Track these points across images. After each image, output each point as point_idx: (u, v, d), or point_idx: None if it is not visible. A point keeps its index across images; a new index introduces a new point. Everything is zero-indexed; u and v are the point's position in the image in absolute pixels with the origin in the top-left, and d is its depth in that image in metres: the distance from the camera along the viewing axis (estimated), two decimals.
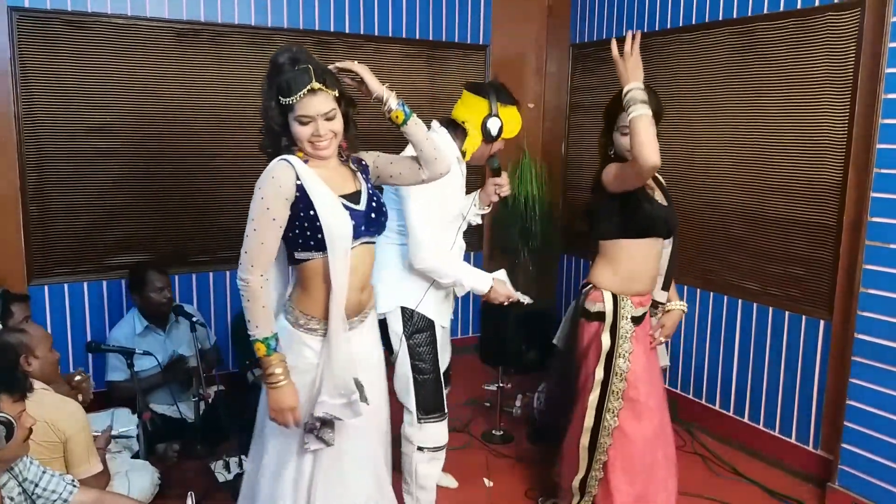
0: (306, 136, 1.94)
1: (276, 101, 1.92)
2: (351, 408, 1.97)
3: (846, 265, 3.15)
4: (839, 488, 3.07)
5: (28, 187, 3.66)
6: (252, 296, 1.93)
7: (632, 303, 2.56)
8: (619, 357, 2.54)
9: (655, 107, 2.48)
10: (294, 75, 1.89)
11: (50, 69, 3.63)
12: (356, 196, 2.04)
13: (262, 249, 1.93)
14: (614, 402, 2.56)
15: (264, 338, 1.93)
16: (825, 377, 3.29)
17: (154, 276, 3.57)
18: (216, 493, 3.09)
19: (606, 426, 2.57)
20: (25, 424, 1.83)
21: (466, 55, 4.78)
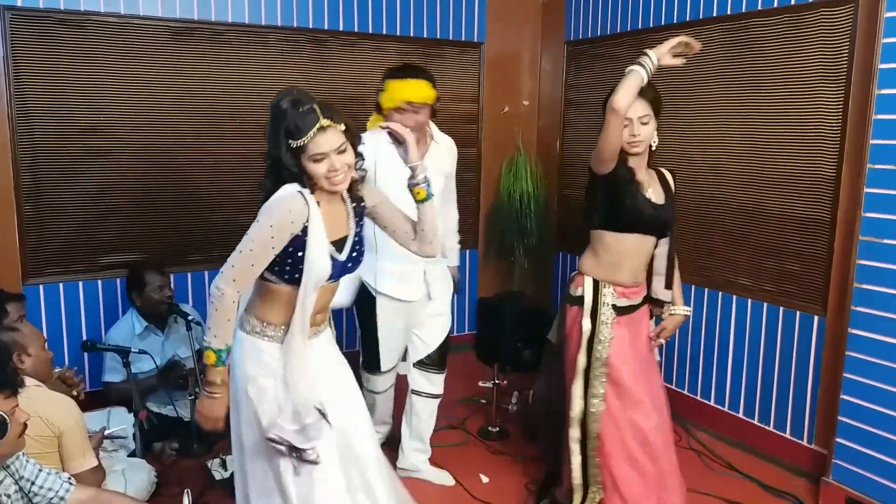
0: (322, 172, 1.96)
1: (287, 146, 1.94)
2: (304, 433, 1.97)
3: (840, 260, 3.16)
4: (833, 482, 3.08)
5: (22, 187, 3.66)
6: (222, 307, 1.95)
7: (614, 291, 2.58)
8: (598, 342, 2.57)
9: (654, 97, 2.50)
10: (300, 117, 1.92)
11: (43, 68, 3.62)
12: (342, 243, 2.09)
13: (250, 271, 1.97)
14: (598, 386, 2.57)
15: (218, 349, 1.96)
16: (819, 372, 3.31)
17: (153, 276, 3.57)
18: (212, 491, 3.09)
19: (594, 412, 2.58)
20: (19, 420, 1.83)
21: (461, 53, 4.78)
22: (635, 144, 2.49)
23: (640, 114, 2.47)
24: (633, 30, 4.21)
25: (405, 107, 2.80)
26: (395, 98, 2.80)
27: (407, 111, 2.81)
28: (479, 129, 4.93)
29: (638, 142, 2.49)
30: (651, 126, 2.50)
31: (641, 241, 2.59)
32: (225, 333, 1.97)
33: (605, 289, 2.59)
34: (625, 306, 2.61)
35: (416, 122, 2.81)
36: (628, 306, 2.63)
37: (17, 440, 1.84)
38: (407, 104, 2.80)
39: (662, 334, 2.73)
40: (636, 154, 2.52)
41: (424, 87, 2.83)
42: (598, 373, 2.57)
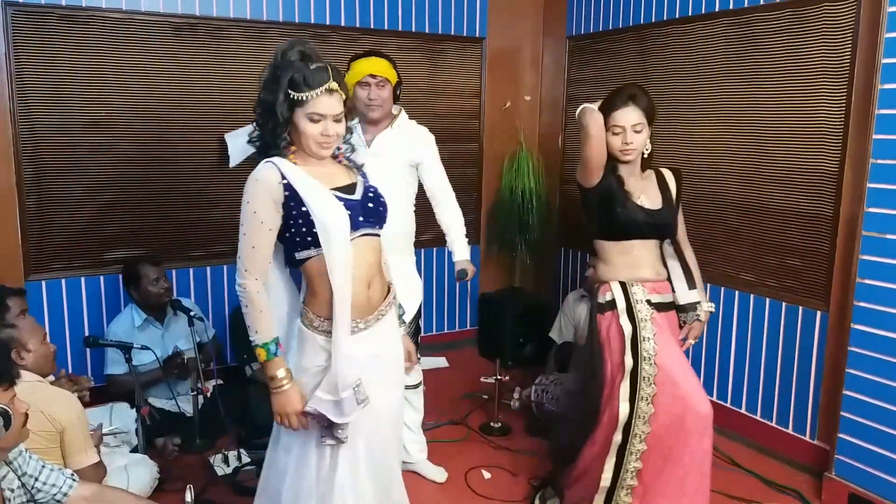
0: (315, 133, 1.91)
1: (286, 96, 1.89)
2: (339, 407, 1.91)
3: (843, 256, 3.16)
4: (836, 478, 3.08)
5: (25, 183, 3.66)
6: (249, 301, 1.93)
7: (643, 287, 2.54)
8: (643, 340, 2.49)
9: (648, 105, 2.49)
10: (311, 72, 1.87)
11: (45, 64, 3.62)
12: (351, 188, 2.01)
13: (254, 253, 1.92)
14: (646, 388, 2.48)
15: (264, 343, 1.92)
16: (822, 368, 3.31)
17: (148, 269, 3.56)
18: (215, 486, 3.10)
19: (642, 415, 2.49)
20: (20, 410, 1.83)
21: (463, 48, 4.78)
22: (628, 153, 2.48)
23: (633, 122, 2.46)
24: (634, 24, 4.20)
25: (369, 80, 2.91)
26: (359, 72, 2.92)
27: (370, 85, 2.91)
28: (481, 125, 4.92)
29: (630, 150, 2.48)
30: (644, 134, 2.49)
31: (644, 243, 2.57)
32: (264, 326, 1.93)
33: (633, 287, 2.54)
34: (658, 302, 2.56)
35: (381, 98, 2.93)
36: (661, 303, 2.58)
37: (20, 431, 1.84)
38: (370, 76, 2.91)
39: (691, 334, 2.67)
40: (628, 162, 2.51)
41: (386, 64, 2.98)
42: (647, 374, 2.48)
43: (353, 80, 2.91)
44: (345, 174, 2.06)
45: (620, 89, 2.52)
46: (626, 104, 2.46)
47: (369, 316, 2.02)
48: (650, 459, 2.52)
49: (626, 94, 2.48)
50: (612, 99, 2.51)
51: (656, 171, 2.65)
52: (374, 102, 2.93)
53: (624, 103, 2.45)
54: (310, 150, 1.95)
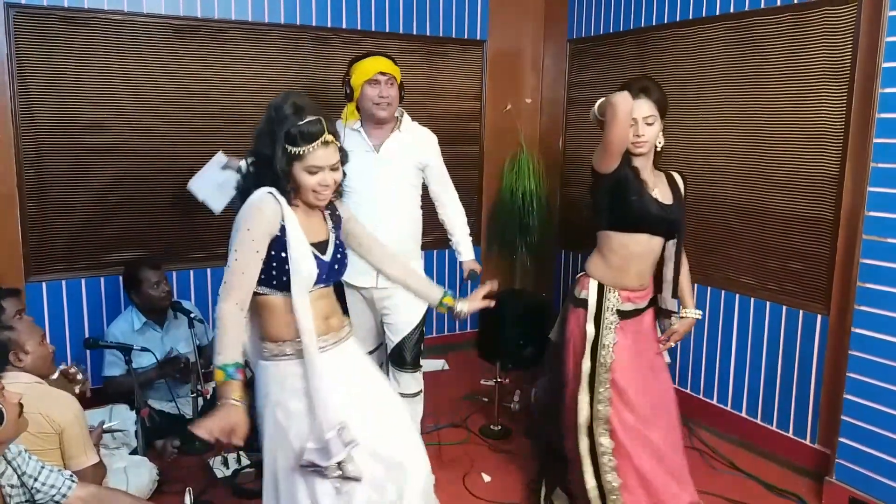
0: (313, 184, 1.97)
1: (284, 151, 1.93)
2: (325, 451, 1.92)
3: (843, 260, 3.16)
4: (836, 482, 3.07)
5: (26, 184, 3.66)
6: (222, 323, 1.93)
7: (618, 296, 2.56)
8: (602, 347, 2.54)
9: (660, 98, 2.48)
10: (307, 126, 1.92)
11: (47, 66, 3.63)
12: (324, 245, 2.07)
13: (243, 279, 1.95)
14: (603, 392, 2.55)
15: (223, 364, 1.92)
16: (822, 372, 3.30)
17: (148, 273, 3.56)
18: (214, 489, 3.09)
19: (602, 417, 2.55)
20: (12, 401, 1.82)
21: (464, 50, 4.78)
22: (639, 145, 2.47)
23: (644, 114, 2.45)
24: (635, 28, 4.20)
25: (379, 77, 2.87)
26: (369, 70, 2.87)
27: (380, 83, 2.87)
28: (482, 127, 4.93)
29: (642, 142, 2.47)
30: (656, 127, 2.48)
31: (649, 242, 2.55)
32: (228, 349, 1.92)
33: (609, 293, 2.56)
34: (629, 310, 2.59)
35: (391, 96, 2.89)
36: (633, 310, 2.60)
37: (17, 422, 1.83)
38: (380, 74, 2.87)
39: (673, 337, 2.69)
40: (640, 154, 2.50)
41: (392, 64, 2.95)
42: (602, 378, 2.54)
43: (362, 79, 2.88)
44: (322, 227, 2.11)
45: (632, 81, 2.51)
46: (638, 96, 2.44)
47: (330, 335, 2.08)
48: (621, 452, 2.56)
49: (637, 86, 2.47)
50: (623, 91, 2.50)
51: (665, 173, 2.65)
52: (385, 100, 2.89)
53: (636, 95, 2.43)
54: (307, 200, 2.01)
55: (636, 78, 2.56)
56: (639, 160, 2.51)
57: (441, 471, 3.26)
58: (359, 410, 2.05)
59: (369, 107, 2.91)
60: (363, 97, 2.90)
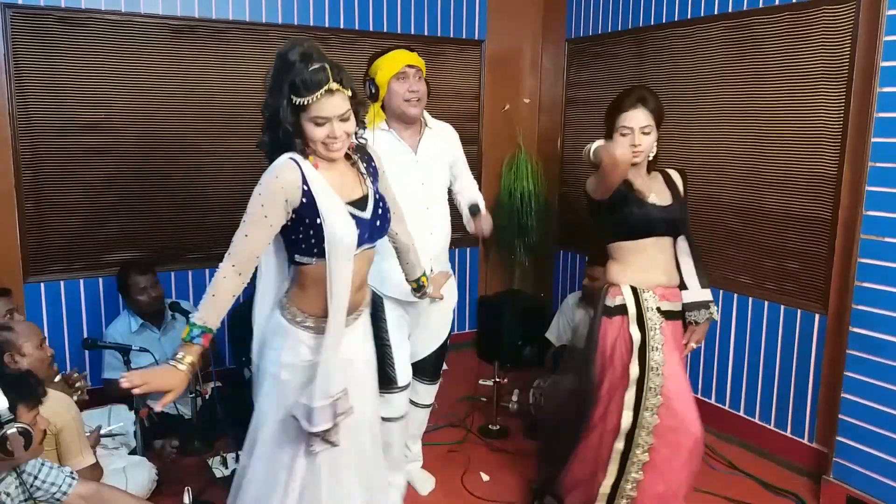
0: (321, 137, 1.88)
1: (289, 101, 1.84)
2: (310, 415, 1.90)
3: (841, 259, 3.16)
4: (834, 481, 3.08)
5: (23, 185, 3.66)
6: (214, 285, 1.88)
7: (654, 294, 2.52)
8: (652, 350, 2.47)
9: (656, 107, 2.48)
10: (310, 75, 1.82)
11: (44, 66, 3.62)
12: (362, 202, 1.99)
13: (245, 242, 1.88)
14: (652, 398, 2.46)
15: (194, 323, 1.87)
16: (820, 371, 3.31)
17: (136, 279, 3.55)
18: (213, 489, 3.09)
19: (646, 425, 2.47)
20: (40, 428, 1.84)
21: (462, 50, 4.78)
22: (636, 154, 2.46)
23: (641, 124, 2.45)
24: (633, 27, 4.20)
25: (407, 70, 2.63)
26: (396, 63, 2.61)
27: (409, 77, 2.63)
28: (480, 127, 4.93)
29: (638, 152, 2.46)
30: (652, 137, 2.48)
31: (659, 242, 2.55)
32: (208, 312, 1.87)
33: (645, 293, 2.52)
34: (668, 310, 2.55)
35: (421, 91, 2.65)
36: (671, 311, 2.56)
37: (36, 448, 1.85)
38: (408, 66, 2.63)
39: (693, 338, 2.64)
40: (635, 164, 2.49)
41: (417, 55, 2.71)
42: (652, 384, 2.46)
43: (389, 75, 2.61)
44: (357, 182, 2.02)
45: (630, 91, 2.51)
46: (636, 106, 2.45)
47: (350, 315, 2.03)
48: (650, 470, 2.51)
49: (635, 95, 2.47)
50: (621, 100, 2.50)
51: (661, 172, 2.65)
52: (415, 95, 2.62)
53: (633, 105, 2.44)
54: (319, 153, 1.92)
55: (634, 87, 2.56)
56: (631, 170, 2.49)
57: (440, 470, 3.27)
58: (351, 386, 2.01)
59: (398, 104, 2.64)
60: (391, 94, 2.63)
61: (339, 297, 1.90)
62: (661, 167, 2.67)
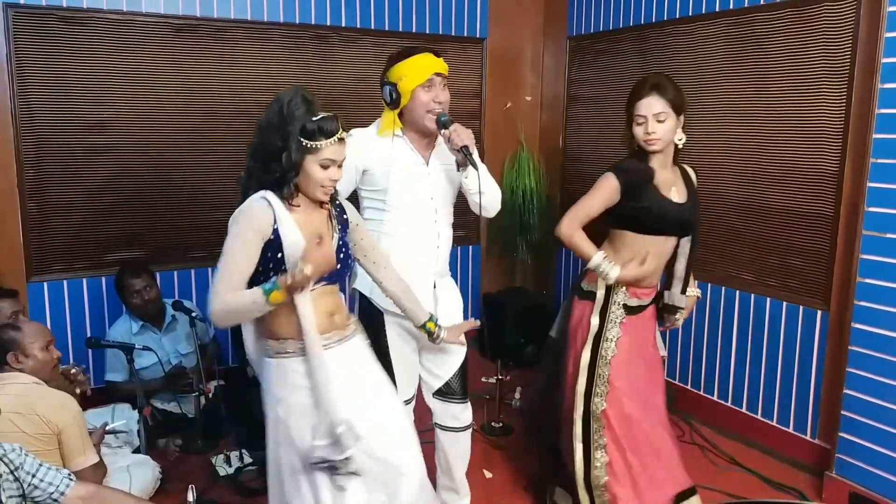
0: (323, 178, 1.98)
1: (299, 144, 1.93)
2: (337, 444, 1.93)
3: (843, 255, 3.16)
4: (837, 477, 3.08)
5: (26, 184, 3.67)
6: (226, 306, 1.91)
7: (626, 291, 2.56)
8: (605, 340, 2.55)
9: (674, 98, 2.46)
10: (324, 122, 1.94)
11: (46, 66, 3.63)
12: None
13: (232, 278, 1.92)
14: (601, 386, 2.56)
15: (265, 291, 1.88)
16: (822, 367, 3.31)
17: (130, 282, 3.55)
18: (217, 487, 3.10)
19: (595, 411, 2.56)
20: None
21: (463, 48, 4.78)
22: (652, 142, 2.45)
23: (655, 110, 2.43)
24: (635, 25, 4.20)
25: (434, 79, 2.44)
26: (422, 71, 2.42)
27: (434, 86, 2.45)
28: (482, 125, 4.92)
29: (654, 139, 2.45)
30: (669, 124, 2.45)
31: (664, 242, 2.56)
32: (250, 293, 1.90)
33: (618, 288, 2.56)
34: (635, 306, 2.59)
35: (446, 102, 2.48)
36: (638, 306, 2.60)
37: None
38: (436, 75, 2.44)
39: (675, 323, 2.71)
40: (655, 151, 2.48)
41: (443, 60, 2.52)
42: (601, 372, 2.56)
43: (415, 84, 2.42)
44: (324, 226, 2.08)
45: (645, 79, 2.50)
46: (650, 94, 2.44)
47: (333, 333, 2.07)
48: (614, 450, 2.58)
49: (649, 83, 2.46)
50: (636, 88, 2.49)
51: (680, 167, 2.65)
52: (441, 106, 2.45)
53: (647, 93, 2.44)
54: (313, 194, 2.00)
55: (651, 75, 2.55)
56: (656, 159, 2.50)
57: None
58: (359, 409, 2.04)
59: (421, 115, 2.45)
60: (414, 103, 2.44)
61: (307, 322, 1.95)
62: (679, 163, 2.65)
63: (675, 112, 2.46)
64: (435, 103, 2.44)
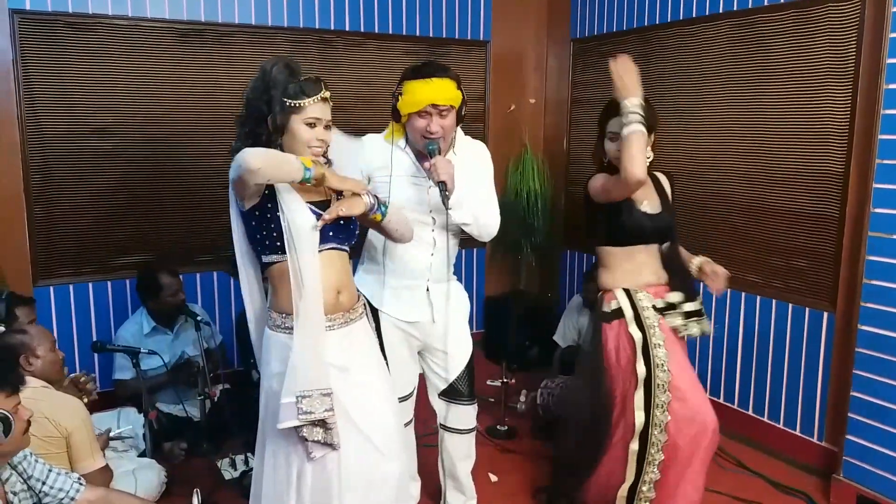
0: (310, 137, 1.99)
1: (282, 104, 1.96)
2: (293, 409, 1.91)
3: (849, 256, 3.15)
4: (844, 480, 3.06)
5: (32, 189, 3.68)
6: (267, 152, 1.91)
7: (647, 293, 2.55)
8: (655, 347, 2.49)
9: (650, 120, 2.44)
10: (304, 83, 1.98)
11: (52, 71, 3.65)
12: (325, 203, 2.04)
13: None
14: (661, 395, 2.47)
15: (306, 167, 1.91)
16: (829, 369, 3.29)
17: (168, 279, 3.57)
18: (222, 490, 3.11)
19: (658, 423, 2.47)
20: (23, 417, 1.84)
21: (467, 51, 4.78)
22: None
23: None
24: (639, 27, 4.20)
25: (429, 110, 2.40)
26: (419, 101, 2.38)
27: (430, 115, 2.40)
28: (486, 128, 4.93)
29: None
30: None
31: (647, 249, 2.61)
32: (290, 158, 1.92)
33: (639, 293, 2.55)
34: (662, 307, 2.57)
35: (443, 129, 2.41)
36: (665, 305, 2.58)
37: (21, 438, 1.85)
38: (431, 107, 2.39)
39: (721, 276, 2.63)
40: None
41: (449, 86, 2.42)
42: (660, 381, 2.47)
43: (407, 109, 2.41)
44: (319, 189, 2.06)
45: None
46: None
47: (338, 315, 2.06)
48: (668, 469, 2.52)
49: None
50: (610, 106, 2.51)
51: (651, 176, 2.63)
52: (434, 135, 2.40)
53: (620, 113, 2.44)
54: (302, 155, 1.99)
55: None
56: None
57: None
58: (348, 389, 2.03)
59: (417, 139, 2.45)
60: (410, 126, 2.45)
61: (309, 290, 1.93)
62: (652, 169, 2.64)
63: (648, 130, 2.43)
64: (427, 131, 2.41)
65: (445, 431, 2.77)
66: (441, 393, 2.73)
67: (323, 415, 1.93)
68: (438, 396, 2.74)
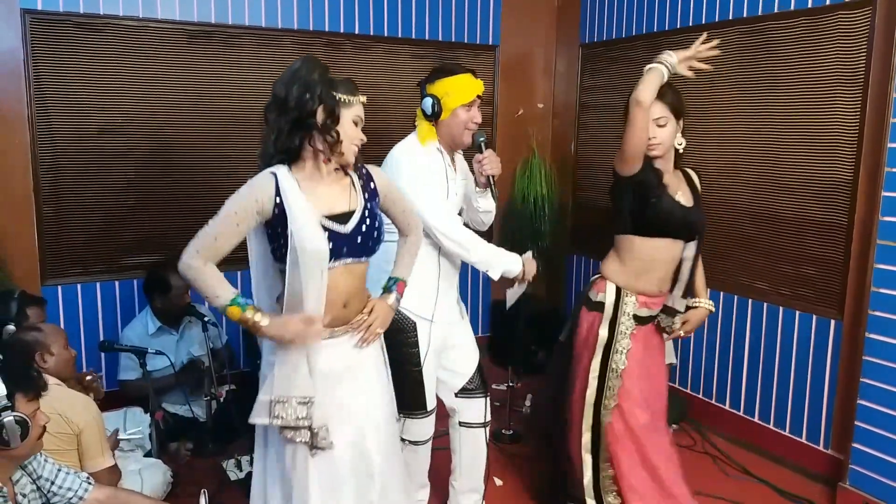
0: (354, 135, 1.97)
1: (334, 98, 1.93)
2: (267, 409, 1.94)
3: (857, 264, 3.14)
4: (850, 488, 3.06)
5: (42, 189, 3.70)
6: (198, 273, 1.91)
7: (636, 300, 2.55)
8: (615, 352, 2.53)
9: (673, 101, 2.46)
10: (344, 84, 1.98)
11: (63, 71, 3.67)
12: (345, 216, 1.98)
13: (214, 243, 1.92)
14: (610, 399, 2.54)
15: (231, 300, 1.89)
16: (836, 377, 3.29)
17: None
18: (228, 491, 3.11)
19: (604, 423, 2.56)
20: (39, 423, 1.85)
21: (476, 55, 4.79)
22: (653, 147, 2.44)
23: (655, 115, 2.42)
24: (647, 32, 4.20)
25: (476, 100, 2.56)
26: (469, 93, 2.52)
27: (474, 107, 2.56)
28: (494, 132, 4.93)
29: (655, 144, 2.44)
30: (669, 128, 2.46)
31: (671, 246, 2.54)
32: (222, 287, 1.90)
33: (627, 297, 2.54)
34: (645, 316, 2.57)
35: (480, 119, 2.60)
36: (648, 316, 2.59)
37: (35, 443, 1.86)
38: (477, 97, 2.56)
39: (685, 327, 2.64)
40: (657, 157, 2.48)
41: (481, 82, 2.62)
42: (612, 384, 2.54)
43: (459, 102, 2.51)
44: (345, 197, 2.02)
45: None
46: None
47: (341, 328, 2.03)
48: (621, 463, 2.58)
49: None
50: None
51: (683, 171, 2.63)
52: (477, 125, 2.57)
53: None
54: (342, 155, 1.96)
55: None
56: (659, 163, 2.49)
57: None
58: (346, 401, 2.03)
59: (459, 132, 2.55)
60: (455, 120, 2.53)
61: (309, 310, 1.91)
62: (681, 167, 2.64)
63: (675, 116, 2.46)
64: (474, 123, 2.55)
65: (465, 428, 2.79)
66: (459, 391, 2.76)
67: (295, 423, 1.93)
68: (456, 395, 2.76)
